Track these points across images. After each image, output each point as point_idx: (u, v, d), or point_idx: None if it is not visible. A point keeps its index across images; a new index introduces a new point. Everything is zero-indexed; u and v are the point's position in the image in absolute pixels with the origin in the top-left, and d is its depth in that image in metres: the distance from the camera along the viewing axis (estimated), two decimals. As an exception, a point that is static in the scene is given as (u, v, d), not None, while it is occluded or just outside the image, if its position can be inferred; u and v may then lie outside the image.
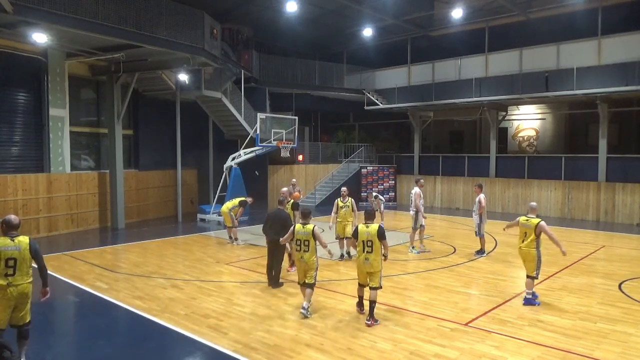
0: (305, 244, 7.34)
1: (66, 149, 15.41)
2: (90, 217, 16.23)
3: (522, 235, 8.05)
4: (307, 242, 7.34)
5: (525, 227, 8.01)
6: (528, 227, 7.95)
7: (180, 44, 14.35)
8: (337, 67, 24.82)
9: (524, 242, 7.98)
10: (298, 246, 7.41)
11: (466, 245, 12.90)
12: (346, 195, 11.26)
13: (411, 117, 24.21)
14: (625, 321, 7.19)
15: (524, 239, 7.98)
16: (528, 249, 7.93)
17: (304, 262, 7.36)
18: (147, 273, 10.13)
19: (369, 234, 7.14)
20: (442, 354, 6.00)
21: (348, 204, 11.16)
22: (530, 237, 7.89)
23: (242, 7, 20.58)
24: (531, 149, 24.61)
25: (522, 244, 8.03)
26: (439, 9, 21.03)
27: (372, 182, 24.13)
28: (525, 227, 8.01)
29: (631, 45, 16.95)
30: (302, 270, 7.45)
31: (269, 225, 9.16)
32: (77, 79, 16.04)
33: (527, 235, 7.94)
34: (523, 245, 8.00)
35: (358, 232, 7.27)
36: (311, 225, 7.44)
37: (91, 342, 6.64)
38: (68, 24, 11.82)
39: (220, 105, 18.88)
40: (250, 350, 6.13)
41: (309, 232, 7.35)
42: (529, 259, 7.98)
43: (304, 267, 7.40)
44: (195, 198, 21.19)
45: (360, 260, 7.19)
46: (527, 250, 7.96)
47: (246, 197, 13.99)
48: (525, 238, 7.97)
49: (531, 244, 7.89)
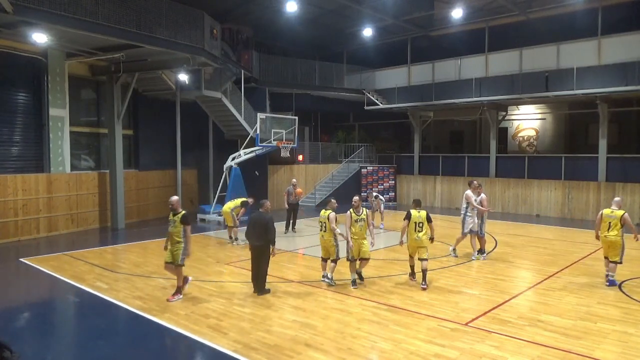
0: (324, 226, 9.14)
1: (66, 149, 15.41)
2: (90, 217, 16.23)
3: (607, 226, 9.00)
4: (324, 225, 9.14)
5: (610, 218, 9.00)
6: (613, 218, 8.96)
7: (180, 44, 14.35)
8: (337, 67, 24.83)
9: (609, 231, 8.95)
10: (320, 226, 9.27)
11: (466, 245, 12.88)
12: (359, 206, 9.15)
13: (411, 117, 24.21)
14: (626, 321, 7.19)
15: (610, 229, 8.95)
16: (616, 237, 8.91)
17: (323, 240, 9.19)
18: (147, 273, 10.13)
19: (420, 217, 9.06)
20: (442, 354, 6.00)
21: (363, 216, 9.10)
22: (616, 227, 8.90)
23: (242, 7, 20.57)
24: (531, 149, 24.62)
25: (608, 234, 8.97)
26: (439, 9, 21.03)
27: (372, 182, 24.14)
28: (610, 218, 9.00)
29: (631, 45, 16.94)
30: (324, 247, 9.26)
31: (251, 230, 8.65)
32: (77, 79, 16.03)
33: (612, 225, 8.92)
34: (610, 234, 8.94)
35: (411, 215, 9.08)
36: (328, 211, 9.16)
37: (91, 342, 6.64)
38: (68, 24, 11.81)
39: (220, 105, 18.87)
40: (250, 350, 6.13)
41: (325, 217, 9.13)
42: (616, 247, 8.95)
43: (324, 244, 9.22)
44: (195, 198, 21.19)
45: (412, 237, 9.08)
46: (614, 239, 8.92)
47: (247, 198, 14.00)
48: (611, 228, 8.94)
49: (618, 233, 8.90)
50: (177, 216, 8.29)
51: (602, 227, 9.10)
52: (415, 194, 23.88)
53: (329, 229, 9.05)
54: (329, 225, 9.05)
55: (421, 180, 23.97)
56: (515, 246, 12.91)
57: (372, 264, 10.94)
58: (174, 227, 8.28)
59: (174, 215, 8.33)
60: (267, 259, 8.65)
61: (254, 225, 8.63)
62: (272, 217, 8.84)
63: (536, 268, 10.64)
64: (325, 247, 9.23)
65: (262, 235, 8.48)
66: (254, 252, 8.60)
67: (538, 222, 18.23)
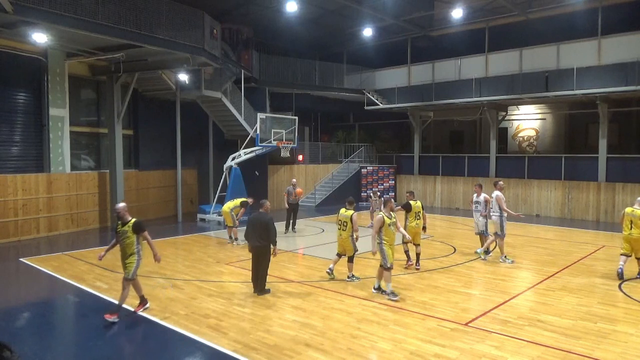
0: (344, 225, 9.28)
1: (66, 149, 15.41)
2: (90, 217, 16.23)
3: (629, 225, 9.29)
4: (345, 224, 9.27)
5: (631, 217, 9.27)
6: (635, 216, 9.22)
7: (180, 44, 14.35)
8: (337, 67, 24.83)
9: (632, 229, 9.23)
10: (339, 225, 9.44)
11: (466, 245, 12.90)
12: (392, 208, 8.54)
13: (411, 117, 24.22)
14: (626, 321, 7.19)
15: (632, 227, 9.24)
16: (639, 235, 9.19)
17: (341, 239, 9.39)
18: (147, 273, 10.12)
19: (418, 207, 10.47)
20: (442, 354, 6.00)
21: (394, 219, 8.46)
22: (638, 225, 9.17)
23: (242, 7, 20.58)
24: (531, 149, 24.62)
25: (632, 232, 9.24)
26: (439, 9, 21.04)
27: (372, 182, 24.14)
28: (631, 217, 9.27)
29: (631, 45, 16.95)
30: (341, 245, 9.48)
31: (251, 231, 8.55)
32: (77, 79, 16.04)
33: (634, 223, 9.20)
34: (634, 232, 9.21)
35: (411, 206, 10.40)
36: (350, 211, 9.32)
37: (91, 342, 6.64)
38: (68, 24, 11.81)
39: (220, 105, 18.87)
40: (250, 350, 6.13)
41: (348, 217, 9.24)
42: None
43: (342, 243, 9.44)
44: (195, 198, 21.19)
45: (412, 225, 10.33)
46: (638, 237, 9.16)
47: (247, 198, 14.00)
48: (634, 226, 9.21)
49: None
50: (128, 225, 7.28)
51: (624, 226, 9.36)
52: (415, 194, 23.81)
53: (349, 229, 9.16)
54: (350, 225, 9.13)
55: (421, 180, 23.97)
56: (515, 246, 12.90)
57: (372, 264, 10.95)
58: (126, 239, 7.30)
59: (123, 226, 7.32)
60: (268, 260, 8.63)
61: (254, 225, 8.58)
62: (272, 217, 8.81)
63: (536, 268, 10.64)
64: (342, 245, 9.42)
65: (262, 236, 8.45)
66: (254, 252, 8.58)
67: (538, 222, 18.24)
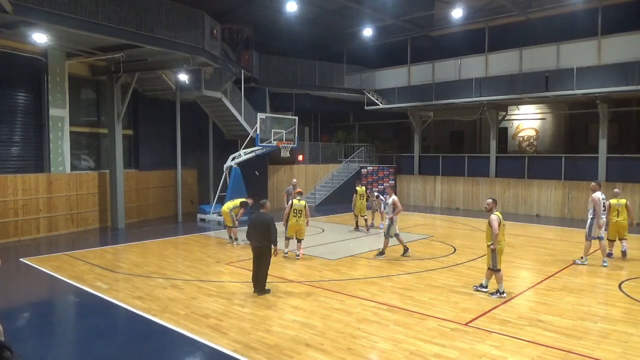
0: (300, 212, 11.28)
1: (66, 149, 15.41)
2: (90, 217, 16.23)
3: (615, 212, 10.97)
4: (300, 212, 11.28)
5: (617, 206, 11.00)
6: (620, 205, 11.02)
7: (180, 44, 14.35)
8: (337, 67, 24.82)
9: (619, 216, 10.96)
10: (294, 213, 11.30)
11: (466, 245, 12.90)
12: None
13: (411, 117, 24.22)
14: (626, 321, 7.19)
15: (618, 214, 10.97)
16: (624, 220, 10.98)
17: (297, 224, 11.28)
18: (147, 273, 10.13)
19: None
20: (442, 354, 6.00)
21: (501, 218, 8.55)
22: (623, 212, 10.98)
23: (242, 7, 20.57)
24: (531, 149, 24.61)
25: (618, 219, 10.97)
26: (439, 9, 21.02)
27: (372, 182, 24.14)
28: (617, 206, 11.00)
29: (631, 45, 16.94)
30: (294, 229, 11.40)
31: (252, 231, 8.56)
32: (77, 79, 16.03)
33: (621, 211, 10.97)
34: (620, 219, 10.97)
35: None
36: (303, 202, 11.39)
37: (91, 342, 6.64)
38: (68, 24, 11.81)
39: (220, 105, 18.87)
40: (250, 350, 6.13)
41: (302, 205, 11.32)
42: (625, 228, 11.06)
43: (297, 227, 11.34)
44: (195, 198, 21.19)
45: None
46: (624, 222, 10.98)
47: (247, 199, 14.00)
48: (619, 214, 10.97)
49: (625, 217, 10.99)
50: None
51: (611, 215, 10.91)
52: (415, 194, 23.92)
53: (304, 215, 11.39)
54: (304, 212, 11.36)
55: (421, 180, 23.97)
56: (515, 246, 12.90)
57: (373, 264, 10.96)
58: None
59: None
60: (268, 260, 8.64)
61: (254, 225, 8.59)
62: (272, 217, 8.83)
63: (536, 268, 10.64)
64: (296, 229, 11.45)
65: (263, 236, 8.46)
66: (255, 252, 8.59)
67: (538, 222, 18.23)
